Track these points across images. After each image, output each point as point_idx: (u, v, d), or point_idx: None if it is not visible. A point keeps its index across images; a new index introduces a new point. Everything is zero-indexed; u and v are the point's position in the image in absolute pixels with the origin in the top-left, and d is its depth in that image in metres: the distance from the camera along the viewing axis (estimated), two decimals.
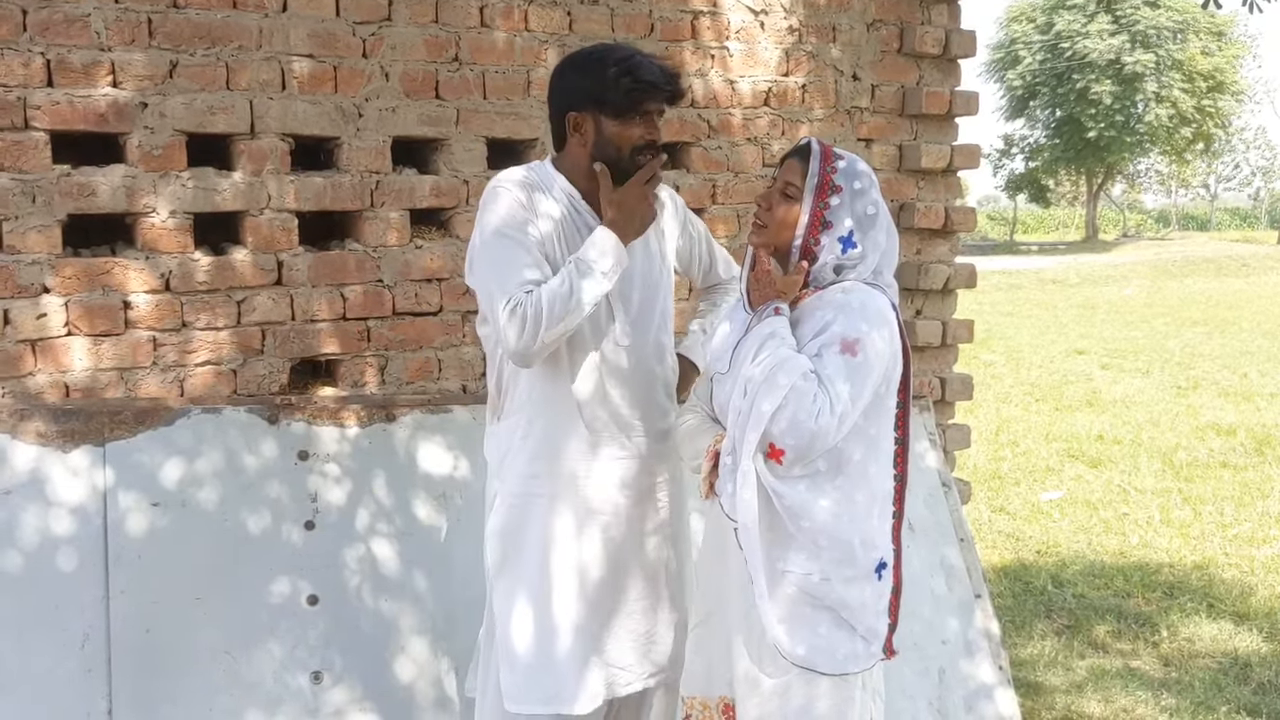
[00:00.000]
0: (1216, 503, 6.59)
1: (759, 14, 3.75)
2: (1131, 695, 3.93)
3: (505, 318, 2.27)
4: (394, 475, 2.97)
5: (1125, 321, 16.55)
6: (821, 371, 2.13)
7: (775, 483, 2.16)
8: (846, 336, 2.15)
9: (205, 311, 2.99)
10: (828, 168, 2.24)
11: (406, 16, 3.19)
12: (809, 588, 2.19)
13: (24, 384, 2.79)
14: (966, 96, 4.08)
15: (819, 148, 2.27)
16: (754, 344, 2.18)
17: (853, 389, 2.13)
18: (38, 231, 2.79)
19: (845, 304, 2.20)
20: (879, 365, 2.17)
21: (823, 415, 2.09)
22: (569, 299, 2.25)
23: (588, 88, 2.37)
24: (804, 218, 2.24)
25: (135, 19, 2.86)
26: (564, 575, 2.41)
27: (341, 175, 3.15)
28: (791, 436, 2.10)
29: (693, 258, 2.71)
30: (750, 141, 3.76)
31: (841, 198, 2.24)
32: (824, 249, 2.24)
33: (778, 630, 2.18)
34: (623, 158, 2.38)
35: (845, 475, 2.20)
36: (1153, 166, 47.75)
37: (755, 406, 2.12)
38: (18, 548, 2.60)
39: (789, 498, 2.16)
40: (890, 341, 2.20)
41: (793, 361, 2.13)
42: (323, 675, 2.79)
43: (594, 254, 2.30)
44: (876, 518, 2.24)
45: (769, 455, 2.15)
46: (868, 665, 2.24)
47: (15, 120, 2.74)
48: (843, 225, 2.24)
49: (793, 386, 2.10)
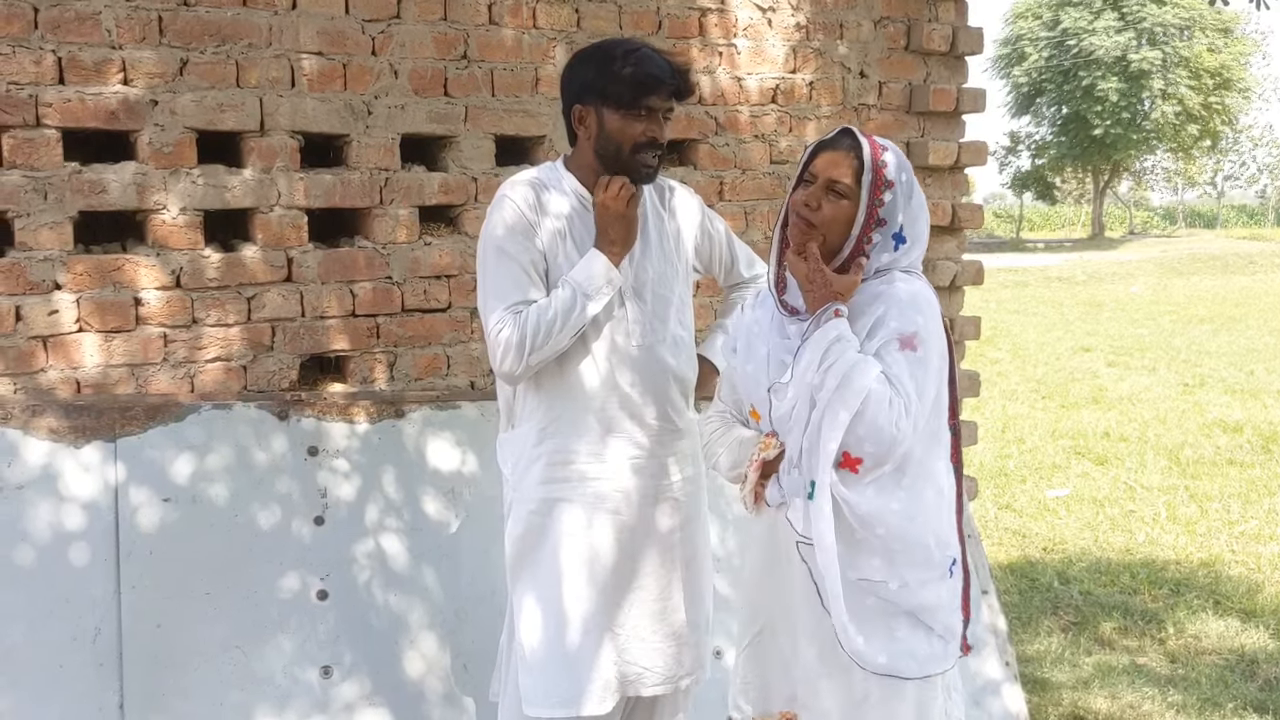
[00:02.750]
0: (1223, 500, 6.58)
1: (766, 11, 3.75)
2: (1138, 692, 3.93)
3: (492, 339, 2.31)
4: (403, 471, 2.98)
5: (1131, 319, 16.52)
6: (886, 371, 2.05)
7: (847, 492, 2.07)
8: (904, 332, 2.07)
9: (215, 308, 3.00)
10: (879, 162, 2.12)
11: (415, 14, 3.20)
12: (887, 595, 2.10)
13: (36, 380, 2.81)
14: (973, 93, 4.08)
15: (866, 141, 2.14)
16: (817, 350, 2.07)
17: (919, 386, 2.06)
18: (49, 228, 2.80)
19: (893, 296, 2.11)
20: (938, 357, 2.10)
21: (901, 418, 2.02)
22: (554, 323, 2.27)
23: (592, 79, 2.36)
24: (860, 216, 2.11)
25: (146, 17, 2.87)
26: (580, 580, 2.41)
27: (351, 172, 3.16)
28: (871, 443, 2.02)
29: (713, 257, 2.69)
30: (757, 138, 3.76)
31: (894, 193, 2.13)
32: (877, 246, 2.14)
33: (855, 641, 2.08)
34: (623, 154, 2.36)
35: (911, 474, 2.11)
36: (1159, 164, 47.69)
37: (831, 416, 2.03)
38: (30, 542, 2.61)
39: (861, 505, 2.07)
40: (941, 329, 2.14)
41: (864, 365, 2.04)
42: (332, 670, 2.80)
43: (581, 276, 2.31)
44: (945, 512, 2.17)
45: (842, 464, 2.06)
46: (949, 665, 2.17)
47: (27, 117, 2.76)
48: (895, 221, 2.14)
49: (869, 392, 2.01)
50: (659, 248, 2.48)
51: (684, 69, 2.41)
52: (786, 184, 3.82)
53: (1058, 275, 23.89)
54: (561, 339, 2.30)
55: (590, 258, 2.34)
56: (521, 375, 2.33)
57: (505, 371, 2.32)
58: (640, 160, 2.37)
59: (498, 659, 2.64)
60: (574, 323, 2.30)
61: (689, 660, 2.51)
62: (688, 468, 2.53)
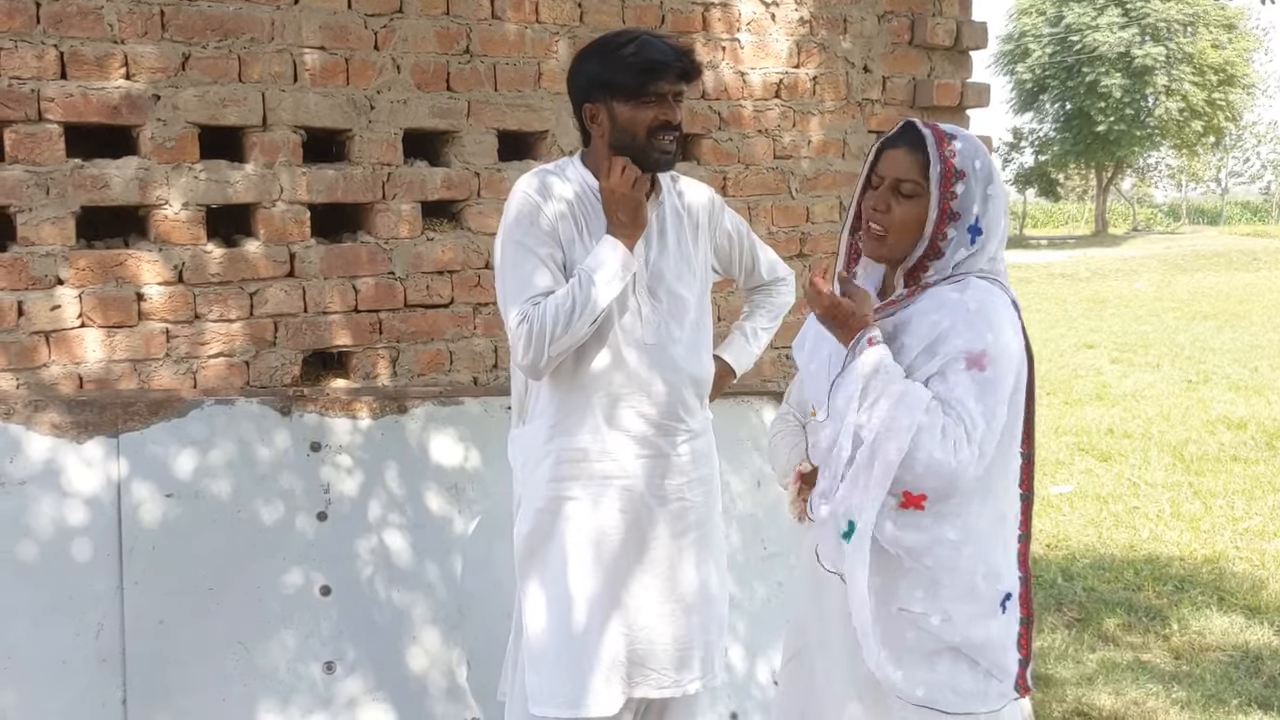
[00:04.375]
0: (1227, 496, 6.57)
1: (770, 6, 3.74)
2: (1142, 688, 3.92)
3: (513, 334, 2.29)
4: (406, 467, 2.98)
5: (1135, 316, 16.49)
6: (948, 395, 1.88)
7: (898, 534, 1.93)
8: (971, 350, 1.89)
9: (218, 303, 3.00)
10: (946, 152, 1.95)
11: (418, 8, 3.19)
12: (929, 628, 1.96)
13: (38, 375, 2.81)
14: (977, 88, 4.08)
15: (930, 132, 1.98)
16: (855, 384, 1.91)
17: (986, 409, 1.88)
18: (51, 224, 2.80)
19: (962, 307, 1.93)
20: (1010, 376, 1.93)
21: (960, 447, 1.85)
22: (572, 312, 2.24)
23: (598, 73, 2.35)
24: (932, 214, 1.95)
25: (148, 11, 2.86)
26: (588, 581, 2.39)
27: (353, 167, 3.15)
28: (932, 479, 1.86)
29: (732, 259, 2.67)
30: (761, 133, 3.75)
31: (967, 183, 1.96)
32: (952, 243, 1.98)
33: (892, 674, 1.96)
34: (639, 141, 2.33)
35: (968, 498, 1.94)
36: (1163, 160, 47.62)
37: (879, 456, 1.87)
38: (32, 538, 2.61)
39: (909, 538, 1.93)
40: (1017, 343, 1.96)
41: (910, 396, 1.87)
42: (335, 665, 2.80)
43: (593, 263, 2.29)
44: (1003, 543, 2.00)
45: (904, 504, 1.92)
46: (997, 705, 2.00)
47: (29, 112, 2.75)
48: (970, 213, 1.97)
49: (918, 425, 1.85)
50: (676, 246, 2.46)
51: (688, 49, 2.39)
52: (790, 179, 3.82)
53: (1061, 272, 23.86)
54: (580, 328, 2.26)
55: (603, 244, 2.31)
56: (545, 368, 2.30)
57: (527, 365, 2.30)
58: (656, 145, 2.33)
59: (505, 658, 2.62)
60: (591, 311, 2.26)
61: (698, 664, 2.48)
62: (700, 468, 2.50)
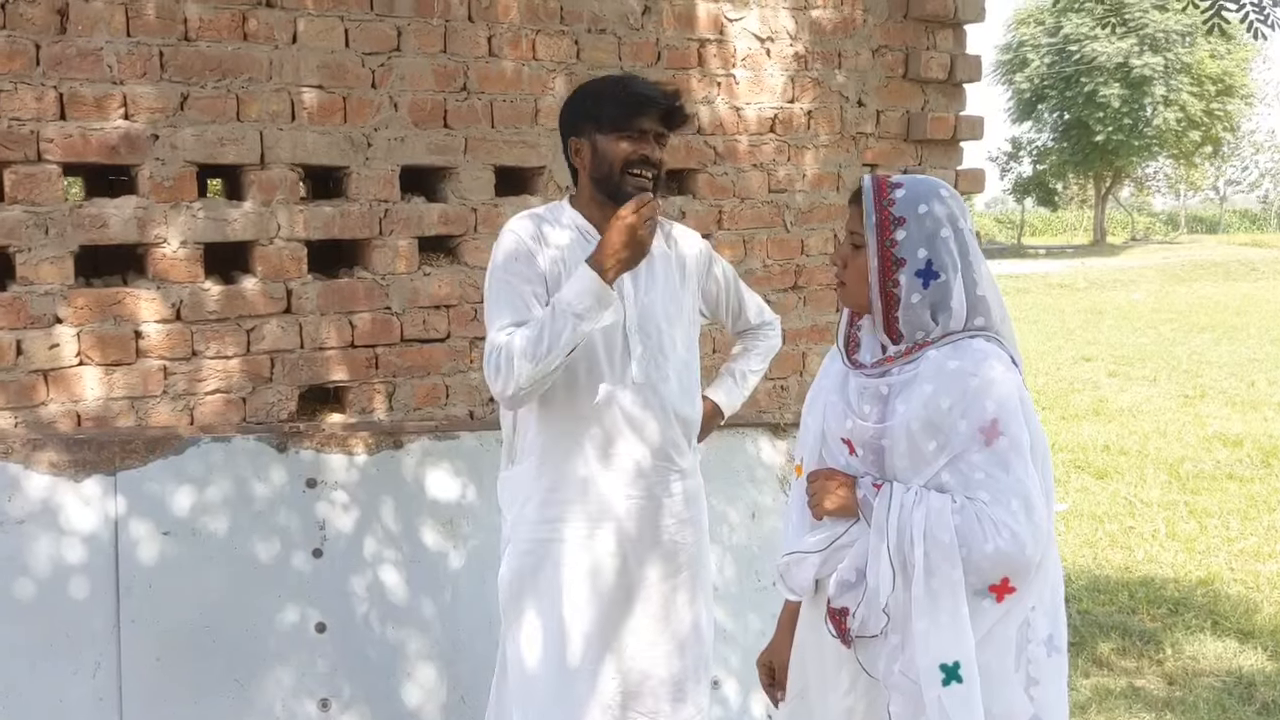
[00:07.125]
0: (1222, 516, 6.58)
1: (765, 41, 3.77)
2: (1135, 716, 3.94)
3: (486, 361, 2.29)
4: (402, 502, 3.00)
5: (1133, 327, 16.51)
6: (971, 477, 1.87)
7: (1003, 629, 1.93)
8: (980, 423, 1.87)
9: (215, 340, 3.02)
10: (884, 201, 1.96)
11: (415, 46, 3.22)
12: None
13: (37, 414, 2.83)
14: (971, 121, 4.11)
15: (870, 182, 2.00)
16: (891, 530, 1.90)
17: (1016, 470, 1.86)
18: (50, 263, 2.82)
19: (958, 376, 1.90)
20: (1024, 432, 1.90)
21: (1004, 527, 1.84)
22: (539, 343, 2.20)
23: (586, 108, 2.38)
24: (872, 261, 1.96)
25: (147, 52, 2.89)
26: (580, 620, 2.40)
27: (350, 204, 3.18)
28: (1003, 568, 1.86)
29: (719, 303, 2.68)
30: (756, 167, 3.78)
31: (907, 229, 1.95)
32: (904, 288, 1.95)
33: None
34: (614, 174, 2.34)
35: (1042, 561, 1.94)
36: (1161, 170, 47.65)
37: (942, 582, 1.86)
38: (30, 576, 2.63)
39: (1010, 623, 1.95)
40: (1017, 409, 1.91)
41: (934, 516, 1.87)
42: (331, 702, 2.82)
43: (570, 295, 2.22)
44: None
45: (999, 599, 1.91)
46: None
47: (28, 153, 2.78)
48: (916, 258, 1.95)
49: (957, 531, 1.85)
50: (664, 286, 2.47)
51: (675, 93, 2.40)
52: (785, 212, 3.84)
53: (1059, 282, 23.89)
54: (553, 359, 2.21)
55: (579, 275, 2.25)
56: (515, 397, 2.26)
57: (498, 392, 2.27)
58: (631, 180, 2.33)
59: (489, 705, 2.64)
60: (565, 342, 2.20)
61: (690, 701, 2.50)
62: (689, 508, 2.52)
